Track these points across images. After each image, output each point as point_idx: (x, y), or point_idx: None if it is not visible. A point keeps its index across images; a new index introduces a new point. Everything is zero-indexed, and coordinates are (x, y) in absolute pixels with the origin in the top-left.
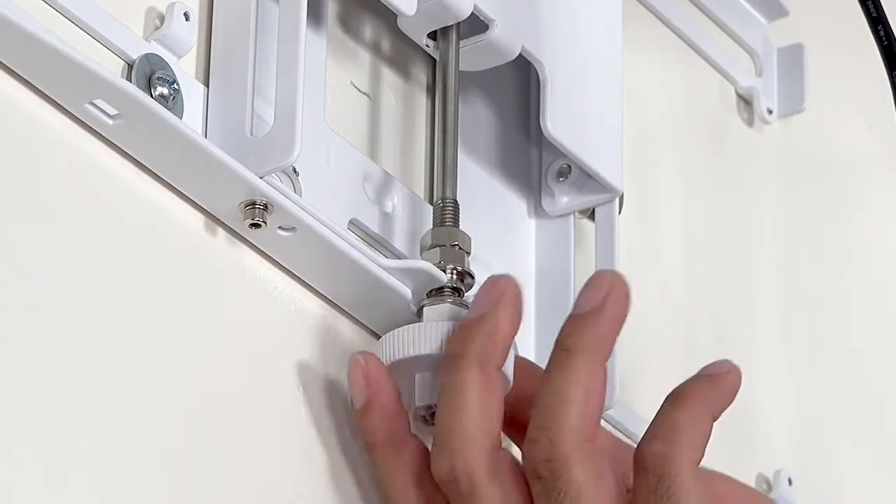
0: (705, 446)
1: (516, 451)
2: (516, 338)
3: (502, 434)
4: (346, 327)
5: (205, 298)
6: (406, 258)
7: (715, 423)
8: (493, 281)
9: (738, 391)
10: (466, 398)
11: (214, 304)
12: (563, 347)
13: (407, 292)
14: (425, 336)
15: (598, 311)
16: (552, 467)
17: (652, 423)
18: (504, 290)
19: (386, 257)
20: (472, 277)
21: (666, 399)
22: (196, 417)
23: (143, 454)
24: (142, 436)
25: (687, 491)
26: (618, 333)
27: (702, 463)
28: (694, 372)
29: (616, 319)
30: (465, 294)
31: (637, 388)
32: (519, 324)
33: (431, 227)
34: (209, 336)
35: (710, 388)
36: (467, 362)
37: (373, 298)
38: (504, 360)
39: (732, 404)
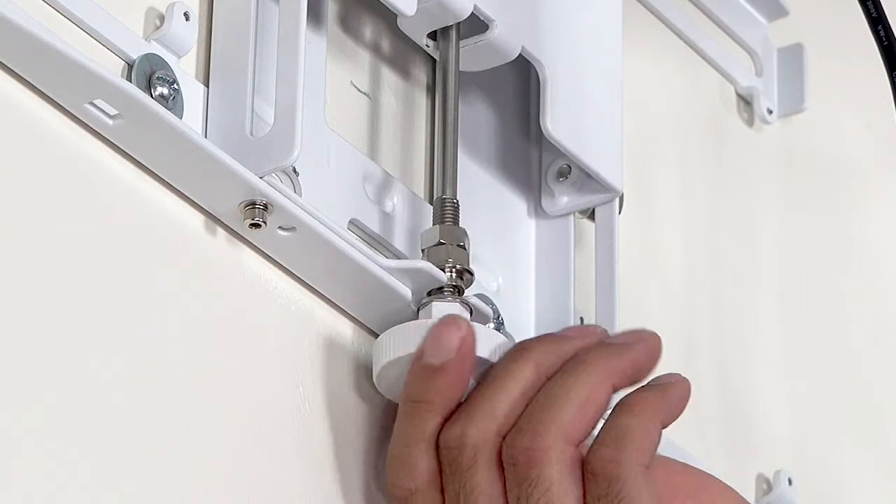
0: (654, 451)
1: None
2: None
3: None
4: (346, 327)
5: (205, 298)
6: (406, 258)
7: (715, 424)
8: (599, 328)
9: (687, 401)
10: (509, 383)
11: (214, 304)
12: (578, 358)
13: (407, 292)
14: (421, 334)
15: (627, 346)
16: (530, 455)
17: (601, 429)
18: (601, 333)
19: (386, 257)
20: (472, 274)
21: (615, 406)
22: (196, 417)
23: (142, 454)
24: (141, 436)
25: (637, 493)
26: (634, 377)
27: (702, 463)
28: (694, 372)
29: (638, 361)
30: (465, 291)
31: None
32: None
33: (431, 224)
34: (209, 336)
35: (660, 396)
36: (527, 358)
37: (373, 298)
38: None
39: (732, 404)
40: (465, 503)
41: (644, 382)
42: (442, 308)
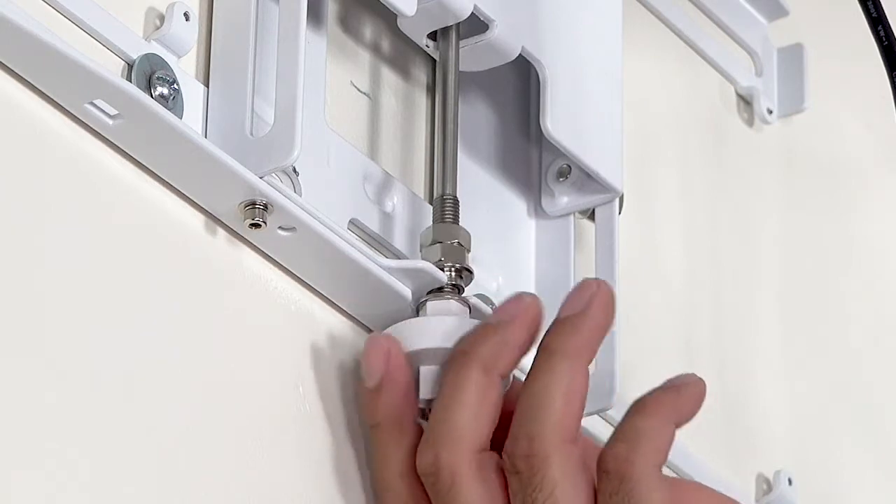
0: (668, 452)
1: None
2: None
3: None
4: (346, 327)
5: (205, 298)
6: (406, 258)
7: (715, 423)
8: (519, 296)
9: (702, 402)
10: (464, 396)
11: (214, 304)
12: (546, 349)
13: (407, 292)
14: (429, 330)
15: (581, 315)
16: (531, 463)
17: (616, 429)
18: (528, 306)
19: (386, 257)
20: (471, 273)
21: (630, 407)
22: (196, 417)
23: (142, 454)
24: (141, 436)
25: (648, 493)
26: (601, 338)
27: (702, 462)
28: (694, 372)
29: (599, 323)
30: (465, 290)
31: (636, 388)
32: (531, 344)
33: (431, 223)
34: (209, 336)
35: (675, 396)
36: (472, 362)
37: (373, 298)
38: (509, 371)
39: (732, 404)
40: None
41: (597, 348)
42: (436, 305)
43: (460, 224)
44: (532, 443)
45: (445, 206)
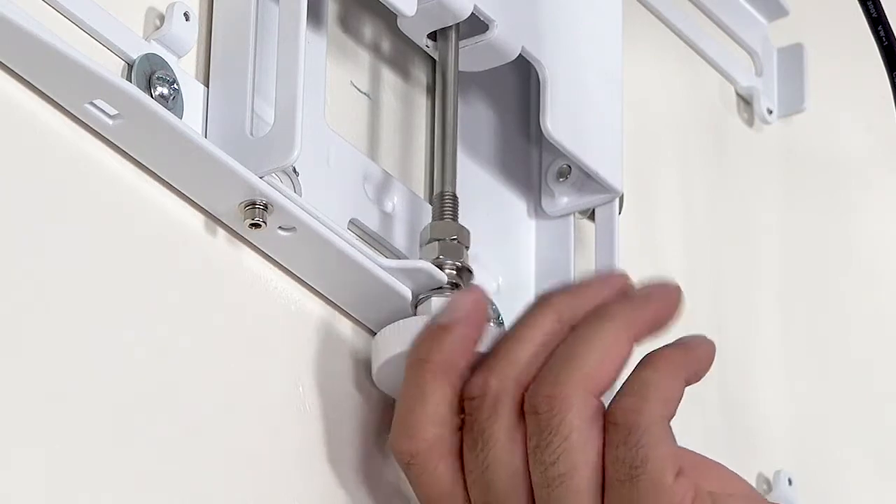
0: (676, 406)
1: None
2: None
3: None
4: (346, 327)
5: (205, 298)
6: (406, 258)
7: (715, 423)
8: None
9: (712, 361)
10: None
11: (214, 304)
12: (599, 313)
13: (407, 292)
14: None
15: (644, 296)
16: (551, 403)
17: (624, 382)
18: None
19: (386, 257)
20: (471, 273)
21: (639, 362)
22: (196, 417)
23: (142, 454)
24: (141, 435)
25: (657, 442)
26: (655, 323)
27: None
28: None
29: (657, 310)
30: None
31: None
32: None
33: (431, 221)
34: (209, 336)
35: (683, 352)
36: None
37: (373, 298)
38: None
39: (732, 404)
40: (482, 453)
41: (664, 333)
42: (442, 302)
43: (460, 222)
44: (557, 385)
45: (445, 204)
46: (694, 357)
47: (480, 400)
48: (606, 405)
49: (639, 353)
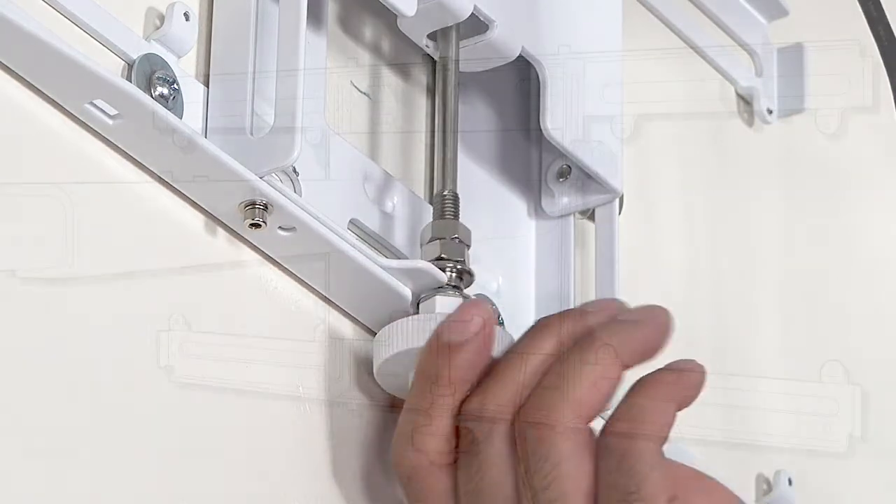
0: (669, 431)
1: None
2: None
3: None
4: (346, 327)
5: (205, 298)
6: (406, 258)
7: (715, 424)
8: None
9: (702, 387)
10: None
11: (214, 304)
12: (589, 339)
13: (407, 292)
14: (422, 329)
15: (639, 323)
16: (542, 431)
17: (616, 407)
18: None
19: (386, 257)
20: (472, 276)
21: (631, 387)
22: (195, 417)
23: (141, 454)
24: (140, 435)
25: (650, 468)
26: (646, 352)
27: (702, 463)
28: None
29: (648, 337)
30: (465, 291)
31: None
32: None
33: (432, 220)
34: (209, 336)
35: (675, 378)
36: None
37: (373, 298)
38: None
39: (732, 404)
40: (476, 475)
41: (654, 358)
42: (445, 302)
43: (460, 221)
44: (548, 413)
45: (445, 203)
46: (685, 382)
47: (477, 422)
48: (598, 429)
49: (630, 377)
